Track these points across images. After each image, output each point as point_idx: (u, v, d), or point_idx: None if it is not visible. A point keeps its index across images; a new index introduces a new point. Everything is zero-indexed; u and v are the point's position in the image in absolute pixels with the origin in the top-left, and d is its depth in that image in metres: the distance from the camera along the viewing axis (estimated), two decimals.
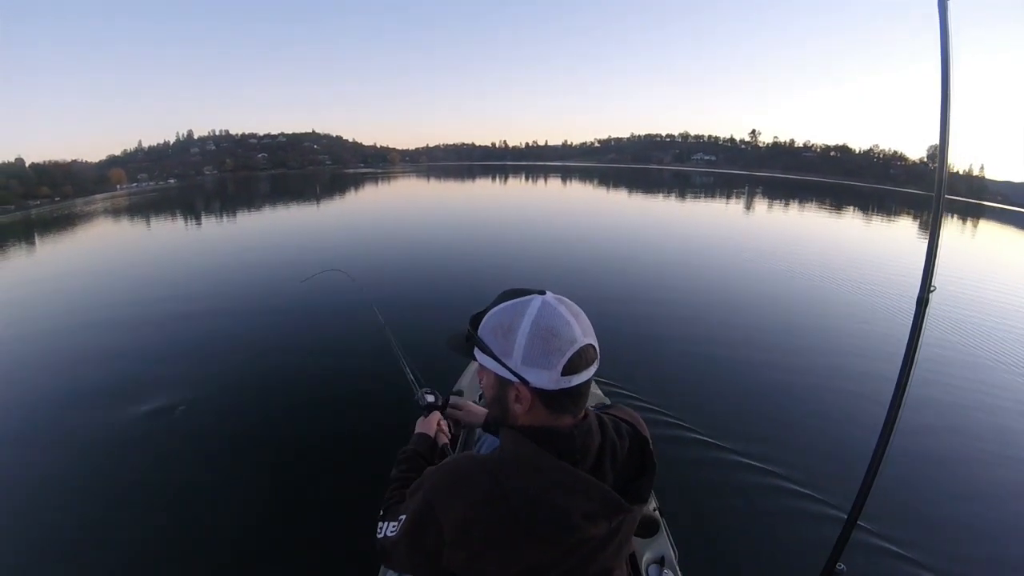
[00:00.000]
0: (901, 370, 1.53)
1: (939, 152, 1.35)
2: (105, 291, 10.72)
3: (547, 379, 0.97)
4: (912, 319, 1.50)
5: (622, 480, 1.05)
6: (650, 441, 1.11)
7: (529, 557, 0.99)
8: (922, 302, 1.48)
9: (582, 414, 1.05)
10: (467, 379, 3.57)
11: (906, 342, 1.52)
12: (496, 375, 1.04)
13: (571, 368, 0.97)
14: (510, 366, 0.99)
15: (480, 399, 2.42)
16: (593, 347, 1.00)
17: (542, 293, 1.02)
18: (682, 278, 10.91)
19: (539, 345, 0.96)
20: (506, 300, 1.04)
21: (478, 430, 1.58)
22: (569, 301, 1.03)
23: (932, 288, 1.46)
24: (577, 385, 0.99)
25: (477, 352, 1.05)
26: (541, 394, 1.00)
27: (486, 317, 1.05)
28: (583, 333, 0.98)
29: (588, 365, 0.99)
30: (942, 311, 8.62)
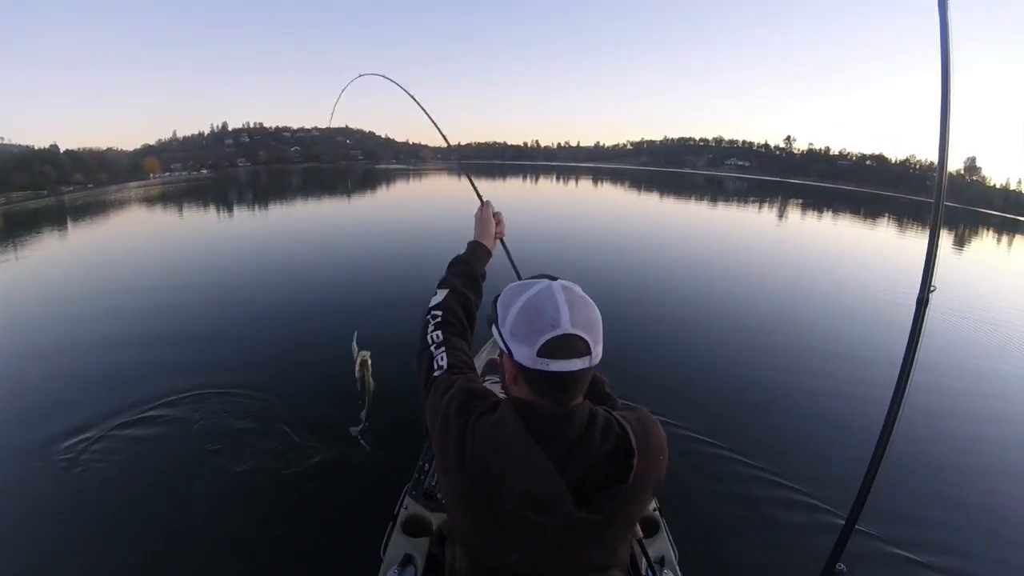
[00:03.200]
0: (901, 371, 1.54)
1: (939, 154, 1.36)
2: (117, 278, 10.92)
3: (525, 355, 1.01)
4: (912, 320, 1.52)
5: (590, 484, 1.03)
6: (636, 455, 1.04)
7: (483, 516, 1.13)
8: (922, 303, 1.48)
9: (570, 404, 1.06)
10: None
11: (906, 343, 1.53)
12: (496, 344, 1.11)
13: (549, 351, 0.99)
14: (503, 334, 1.06)
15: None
16: (582, 339, 1.01)
17: (555, 279, 1.08)
18: (684, 280, 10.88)
19: (523, 321, 1.02)
20: (530, 279, 1.13)
21: None
22: (577, 292, 1.07)
23: (932, 288, 1.46)
24: (556, 372, 1.00)
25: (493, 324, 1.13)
26: (522, 369, 1.04)
27: (504, 289, 1.14)
28: (572, 322, 0.99)
29: (570, 355, 1.00)
30: (966, 320, 8.49)
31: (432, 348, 1.31)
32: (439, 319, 1.38)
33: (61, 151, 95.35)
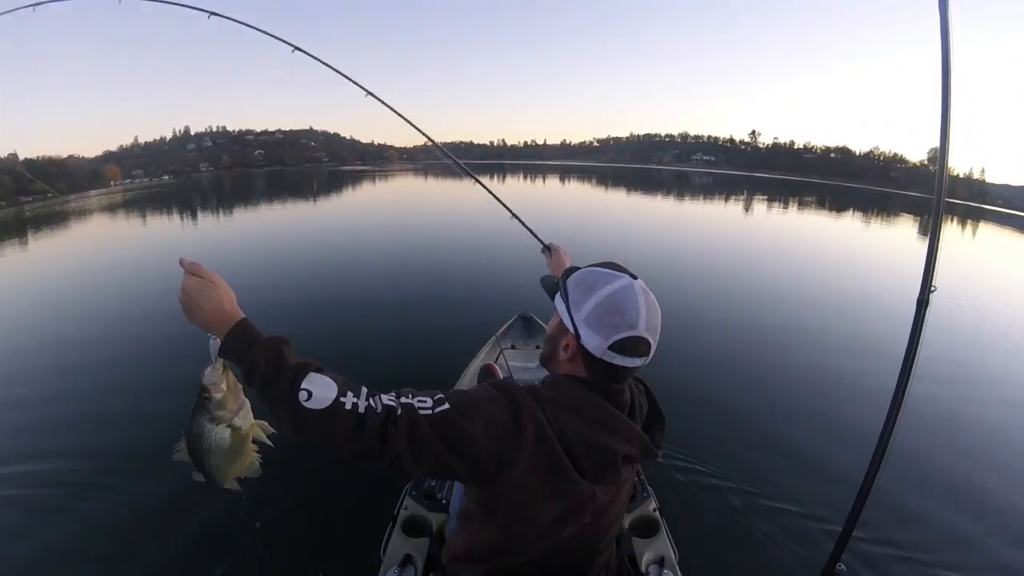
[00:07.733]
0: (901, 372, 1.52)
1: (939, 152, 1.34)
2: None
3: (596, 344, 1.07)
4: (912, 320, 1.50)
5: (648, 432, 1.19)
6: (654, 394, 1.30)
7: (548, 490, 1.08)
8: (922, 303, 1.47)
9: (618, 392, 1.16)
10: (467, 379, 3.52)
11: (906, 344, 1.52)
12: (560, 320, 1.16)
13: (619, 348, 1.06)
14: (574, 318, 1.11)
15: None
16: (648, 342, 1.08)
17: (635, 278, 1.11)
18: (675, 281, 10.50)
19: (603, 314, 1.07)
20: (605, 267, 1.15)
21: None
22: (652, 297, 1.11)
23: (932, 289, 1.45)
24: (619, 366, 1.08)
25: (557, 295, 1.18)
26: (585, 354, 1.10)
27: (580, 271, 1.17)
28: (646, 327, 1.06)
29: (636, 355, 1.08)
30: (943, 314, 8.57)
31: (398, 411, 1.00)
32: (363, 392, 1.02)
33: (20, 160, 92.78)
